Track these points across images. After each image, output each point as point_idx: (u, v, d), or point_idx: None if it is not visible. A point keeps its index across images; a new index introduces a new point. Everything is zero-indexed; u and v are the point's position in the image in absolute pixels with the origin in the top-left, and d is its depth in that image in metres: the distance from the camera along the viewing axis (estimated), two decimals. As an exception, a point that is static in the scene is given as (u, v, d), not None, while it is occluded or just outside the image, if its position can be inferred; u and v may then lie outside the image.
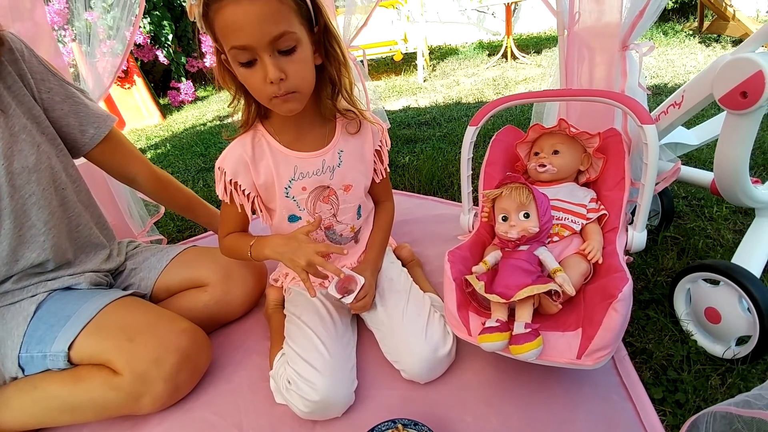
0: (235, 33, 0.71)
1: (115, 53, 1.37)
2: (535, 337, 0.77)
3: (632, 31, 1.04)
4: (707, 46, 3.54)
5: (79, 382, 0.85)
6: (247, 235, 0.98)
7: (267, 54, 0.73)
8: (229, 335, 1.13)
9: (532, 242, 0.90)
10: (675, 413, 0.79)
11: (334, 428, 0.86)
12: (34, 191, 0.88)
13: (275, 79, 0.74)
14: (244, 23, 0.70)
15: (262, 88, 0.77)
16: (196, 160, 2.64)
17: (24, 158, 0.86)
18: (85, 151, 1.02)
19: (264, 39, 0.71)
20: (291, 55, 0.75)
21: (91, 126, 1.00)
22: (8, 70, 0.86)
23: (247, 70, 0.75)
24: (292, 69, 0.76)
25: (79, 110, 0.98)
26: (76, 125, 0.98)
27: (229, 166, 0.90)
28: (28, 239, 0.89)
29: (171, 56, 4.53)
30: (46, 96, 0.92)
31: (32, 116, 0.90)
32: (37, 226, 0.89)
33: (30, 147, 0.87)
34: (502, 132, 1.23)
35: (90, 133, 1.00)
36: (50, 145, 0.93)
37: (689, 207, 1.39)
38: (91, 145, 1.01)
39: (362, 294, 0.91)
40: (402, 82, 4.06)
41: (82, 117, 0.98)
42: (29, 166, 0.86)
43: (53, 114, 0.94)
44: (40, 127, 0.91)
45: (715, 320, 0.89)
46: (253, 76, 0.76)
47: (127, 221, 1.43)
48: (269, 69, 0.73)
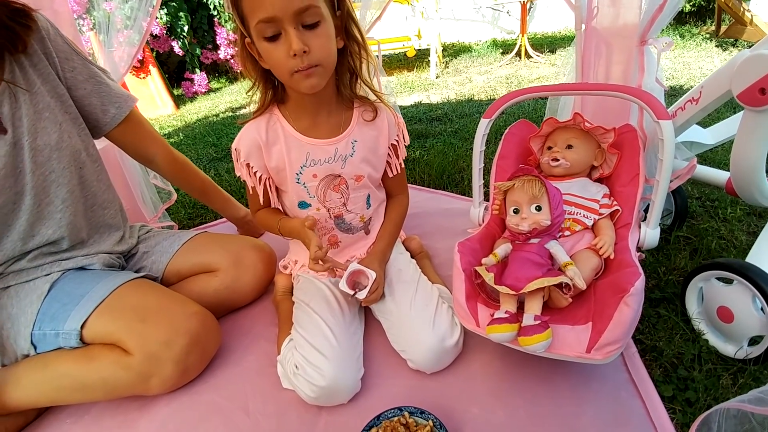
0: (262, 5, 0.73)
1: (132, 43, 1.39)
2: (545, 329, 0.76)
3: (651, 26, 1.02)
4: (724, 50, 3.48)
5: (91, 361, 0.87)
6: (274, 213, 1.02)
7: (292, 26, 0.74)
8: (238, 321, 1.14)
9: (543, 235, 0.90)
10: (685, 411, 0.79)
11: (340, 414, 0.86)
12: (54, 168, 0.89)
13: (299, 50, 0.75)
14: None
15: (284, 62, 0.78)
16: (208, 149, 2.65)
17: (47, 136, 0.87)
18: (107, 130, 1.03)
19: (289, 10, 0.73)
20: (315, 29, 0.77)
21: (112, 105, 1.01)
22: (34, 48, 0.88)
23: (271, 45, 0.77)
24: (315, 43, 0.77)
25: (102, 90, 0.99)
26: (98, 104, 0.99)
27: (243, 148, 0.91)
28: (45, 215, 0.91)
29: (186, 47, 4.55)
30: (69, 75, 0.94)
31: (56, 95, 0.91)
32: (54, 203, 0.91)
33: (53, 125, 0.89)
34: (515, 126, 1.22)
35: (111, 113, 1.01)
36: (72, 124, 0.94)
37: (703, 208, 1.38)
38: (112, 125, 1.03)
39: (374, 287, 0.91)
40: (414, 78, 4.05)
41: (104, 96, 1.00)
42: (51, 144, 0.88)
43: (76, 93, 0.96)
44: (63, 106, 0.93)
45: (727, 319, 0.88)
46: (276, 50, 0.77)
47: (140, 206, 1.45)
48: (293, 41, 0.74)
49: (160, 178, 1.48)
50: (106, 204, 1.04)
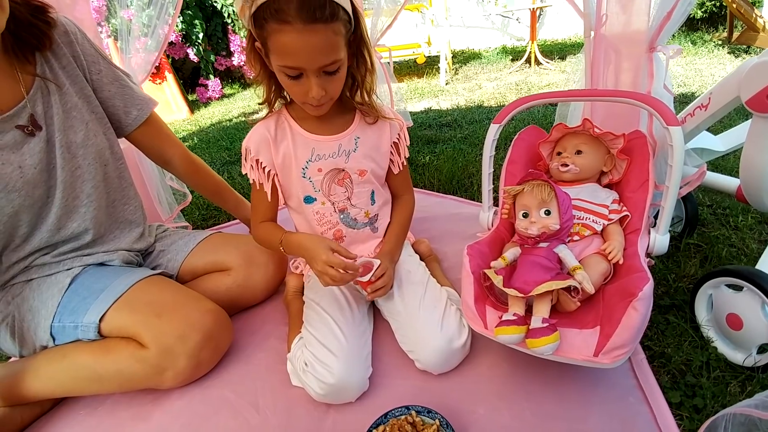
0: (289, 56, 0.78)
1: (149, 50, 1.43)
2: (552, 332, 0.77)
3: (660, 33, 1.03)
4: (736, 56, 3.45)
5: (108, 353, 0.89)
6: (276, 228, 1.01)
7: (314, 75, 0.80)
8: (250, 319, 1.17)
9: (552, 240, 0.90)
10: (692, 418, 0.78)
11: (348, 412, 0.87)
12: (81, 164, 0.94)
13: (318, 97, 0.83)
14: (301, 51, 0.76)
15: (300, 96, 0.85)
16: (221, 153, 2.70)
17: (74, 134, 0.93)
18: (128, 131, 1.08)
19: (315, 65, 0.79)
20: (333, 75, 0.83)
21: (134, 108, 1.06)
22: (63, 51, 0.93)
23: (290, 81, 0.82)
24: (332, 87, 0.85)
25: (125, 92, 1.04)
26: (121, 106, 1.04)
27: (253, 144, 0.95)
28: (71, 210, 0.95)
29: (201, 54, 4.64)
30: (96, 77, 0.99)
31: (84, 95, 0.96)
32: (80, 198, 0.96)
33: (80, 124, 0.94)
34: (525, 131, 1.24)
35: (133, 115, 1.06)
36: (98, 123, 0.99)
37: (714, 215, 1.37)
38: (133, 126, 1.07)
39: (379, 272, 0.92)
40: (424, 84, 4.08)
41: (127, 99, 1.05)
42: (78, 141, 0.93)
43: (101, 95, 1.01)
44: (90, 106, 0.97)
45: (736, 327, 0.87)
46: (296, 86, 0.83)
47: (156, 207, 1.48)
48: (314, 89, 0.81)
49: (176, 180, 1.51)
50: (127, 200, 1.08)
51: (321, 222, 1.03)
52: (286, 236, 0.97)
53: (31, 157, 0.87)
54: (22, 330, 0.92)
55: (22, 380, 0.90)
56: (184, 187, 1.53)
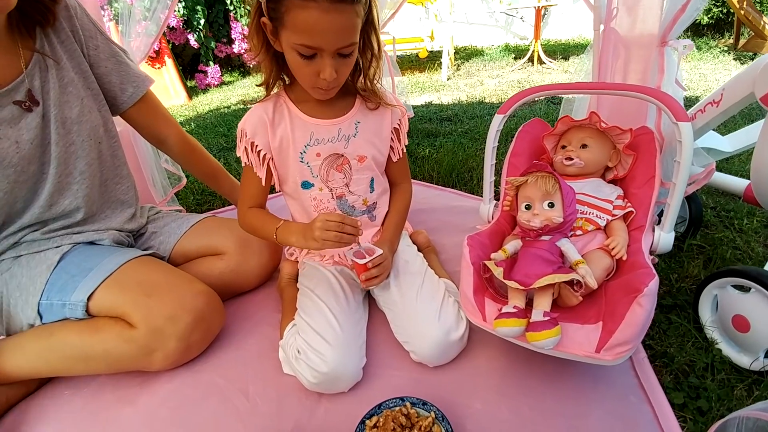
0: (310, 35, 0.74)
1: (150, 34, 1.42)
2: (554, 326, 0.75)
3: (673, 26, 1.01)
4: (742, 63, 3.44)
5: (96, 332, 0.87)
6: (271, 216, 0.97)
7: (330, 56, 0.78)
8: (242, 305, 1.14)
9: (554, 233, 0.88)
10: (696, 420, 0.76)
11: (340, 402, 0.85)
12: (75, 141, 0.92)
13: (330, 79, 0.80)
14: (324, 31, 0.74)
15: (310, 78, 0.82)
16: (218, 139, 2.66)
17: (69, 109, 0.91)
18: (123, 108, 1.05)
19: (334, 47, 0.77)
20: (347, 57, 0.81)
21: (130, 85, 1.03)
22: (62, 25, 0.91)
23: (302, 60, 0.79)
24: (343, 69, 0.83)
25: (122, 69, 1.02)
26: (117, 83, 1.01)
27: (249, 126, 0.92)
28: (64, 186, 0.93)
29: (201, 40, 4.58)
30: (93, 53, 0.97)
31: (80, 71, 0.94)
32: (73, 175, 0.93)
33: (75, 99, 0.92)
34: (529, 124, 1.21)
35: (129, 92, 1.04)
36: (93, 100, 0.97)
37: (718, 217, 1.35)
38: (129, 104, 1.05)
39: (378, 260, 0.90)
40: (426, 79, 4.04)
41: (124, 76, 1.02)
42: (73, 117, 0.91)
43: (98, 70, 0.98)
44: (86, 82, 0.95)
45: (743, 329, 0.85)
46: (307, 67, 0.80)
47: (150, 189, 1.45)
48: (328, 70, 0.79)
49: (171, 162, 1.48)
50: (120, 180, 1.05)
51: (318, 208, 1.00)
52: (284, 224, 0.92)
53: (27, 132, 0.85)
54: (9, 307, 0.89)
55: (8, 358, 0.88)
56: (179, 170, 1.50)
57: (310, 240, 0.84)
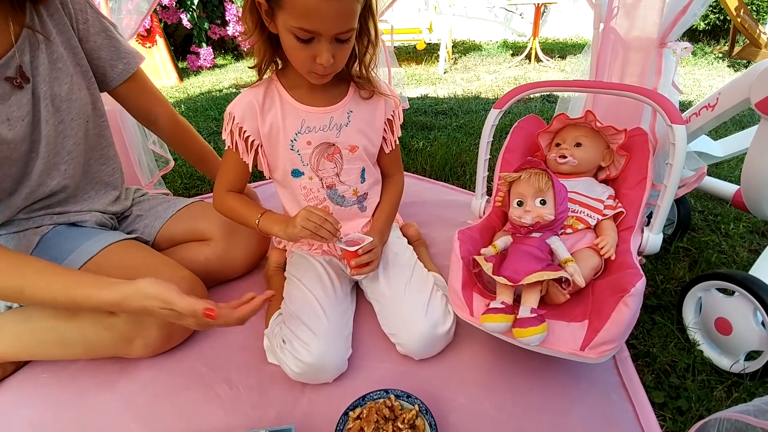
0: (309, 18, 0.72)
1: (140, 11, 1.38)
2: (540, 323, 0.75)
3: (673, 28, 1.00)
4: (736, 70, 3.48)
5: (74, 317, 0.84)
6: (254, 204, 0.96)
7: (328, 41, 0.76)
8: (228, 292, 1.12)
9: (545, 230, 0.88)
10: (675, 419, 0.77)
11: (324, 393, 0.84)
12: (64, 119, 0.88)
13: (327, 64, 0.78)
14: (324, 15, 0.71)
15: (306, 63, 0.79)
16: (209, 123, 2.61)
17: (58, 86, 0.87)
18: (113, 86, 1.01)
19: (333, 31, 0.75)
20: (344, 43, 0.79)
21: (120, 61, 0.99)
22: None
23: (299, 44, 0.76)
24: (340, 55, 0.80)
25: (112, 44, 0.98)
26: (106, 59, 0.97)
27: (238, 111, 0.89)
28: (52, 166, 0.89)
29: (194, 21, 4.46)
30: (82, 27, 0.92)
31: (70, 46, 0.90)
32: (61, 154, 0.90)
33: (65, 76, 0.88)
34: (524, 120, 1.21)
35: (119, 69, 1.00)
36: (82, 77, 0.93)
37: (705, 221, 1.37)
38: (118, 81, 1.01)
39: (368, 247, 0.89)
40: (422, 71, 4.02)
41: (114, 51, 0.98)
42: (62, 95, 0.87)
43: (87, 45, 0.94)
44: (75, 58, 0.91)
45: (725, 332, 0.86)
46: (303, 51, 0.77)
47: (136, 171, 1.41)
48: (325, 55, 0.77)
49: (158, 143, 1.44)
50: (105, 161, 1.02)
51: (308, 197, 0.99)
52: (267, 214, 0.91)
53: (18, 110, 0.81)
54: None
55: None
56: (167, 153, 1.46)
57: (290, 227, 0.84)
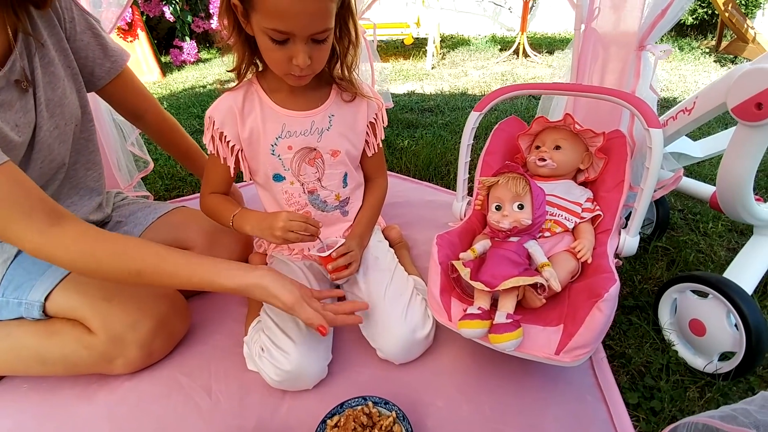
0: (283, 19, 0.71)
1: (120, 3, 1.34)
2: (516, 329, 0.75)
3: (651, 31, 1.00)
4: (722, 65, 3.51)
5: (52, 336, 0.83)
6: (232, 203, 0.95)
7: (303, 42, 0.75)
8: (208, 299, 1.11)
9: (522, 234, 0.89)
10: (649, 420, 0.79)
11: (304, 399, 0.85)
12: (58, 124, 0.87)
13: (304, 65, 0.76)
14: (297, 15, 0.70)
15: (283, 64, 0.78)
16: (192, 121, 2.57)
17: (52, 91, 0.85)
18: (101, 85, 1.00)
19: (308, 32, 0.74)
20: (321, 43, 0.78)
21: (108, 59, 0.98)
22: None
23: (274, 45, 0.75)
24: (318, 56, 0.79)
25: (99, 42, 0.96)
26: (93, 57, 0.95)
27: (218, 115, 0.88)
28: (46, 173, 0.88)
29: (177, 14, 4.38)
30: (69, 25, 0.90)
31: (60, 48, 0.88)
32: (57, 161, 0.88)
33: (57, 80, 0.86)
34: (505, 122, 1.21)
35: (107, 67, 0.98)
36: (72, 80, 0.91)
37: (684, 220, 1.39)
38: (106, 80, 0.99)
39: (342, 250, 0.89)
40: (410, 66, 3.99)
41: (101, 50, 0.96)
42: (55, 100, 0.86)
43: (74, 44, 0.92)
44: (66, 60, 0.90)
45: (699, 333, 0.88)
46: (279, 52, 0.76)
47: (115, 173, 1.39)
48: (301, 56, 0.76)
49: (137, 145, 1.42)
50: (92, 165, 1.00)
51: (290, 202, 0.98)
52: (241, 211, 0.91)
53: (24, 115, 0.80)
54: None
55: None
56: (146, 154, 1.44)
57: (267, 232, 0.84)
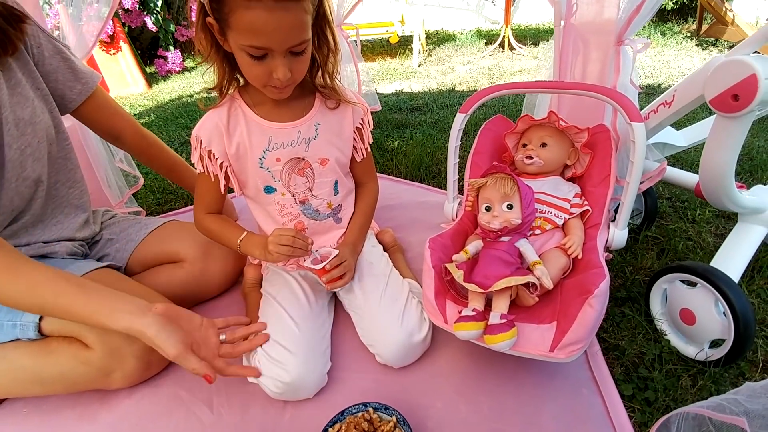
0: (258, 36, 0.71)
1: (101, 16, 1.33)
2: (510, 328, 0.77)
3: (628, 26, 1.02)
4: (704, 49, 3.54)
5: (49, 354, 0.83)
6: (232, 225, 0.96)
7: (282, 56, 0.75)
8: (205, 312, 1.07)
9: (513, 234, 0.90)
10: (644, 410, 0.81)
11: (305, 409, 0.85)
12: (30, 143, 0.88)
13: (284, 79, 0.77)
14: (272, 30, 0.71)
15: (262, 78, 0.79)
16: (180, 132, 2.56)
17: (21, 110, 0.86)
18: (73, 107, 1.01)
19: (284, 46, 0.74)
20: (300, 55, 0.78)
21: (78, 82, 0.99)
22: None
23: (253, 61, 0.76)
24: (297, 67, 0.80)
25: (68, 66, 0.97)
26: (63, 81, 0.97)
27: (204, 134, 0.89)
28: (20, 191, 0.88)
29: (159, 23, 4.35)
30: (37, 51, 0.91)
31: (27, 71, 0.89)
32: (32, 178, 0.89)
33: (25, 100, 0.87)
34: (491, 121, 1.22)
35: (78, 89, 0.99)
36: (43, 101, 0.92)
37: (672, 208, 1.41)
38: (78, 101, 1.00)
39: (336, 261, 0.90)
40: (396, 65, 4.00)
41: (70, 72, 0.98)
42: (25, 119, 0.87)
43: (43, 69, 0.93)
44: (34, 83, 0.91)
45: (689, 321, 0.90)
46: (258, 67, 0.77)
47: (105, 191, 1.39)
48: (281, 70, 0.76)
49: (126, 161, 1.42)
50: (73, 183, 1.01)
51: (282, 213, 0.99)
52: (247, 236, 0.93)
53: None
54: None
55: None
56: (135, 170, 1.44)
57: (265, 252, 0.86)
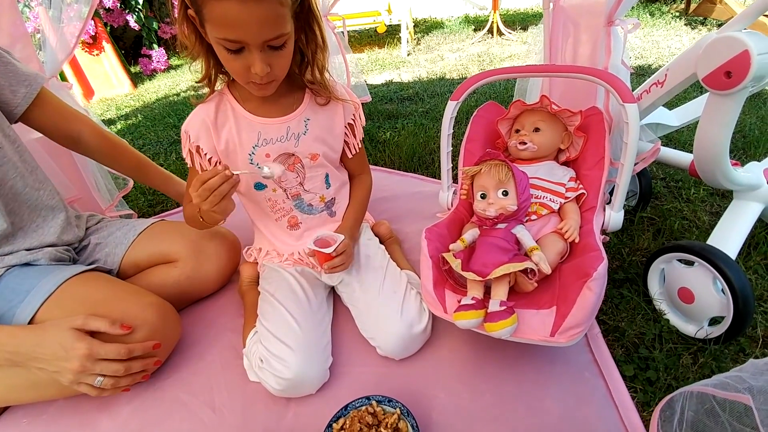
0: (231, 28, 0.69)
1: (82, 17, 1.30)
2: (510, 315, 0.76)
3: (618, 6, 1.00)
4: (693, 28, 3.53)
5: None
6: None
7: (258, 50, 0.73)
8: (202, 312, 1.10)
9: (509, 220, 0.89)
10: (646, 390, 0.81)
11: (309, 404, 0.85)
12: None
13: (262, 74, 0.75)
14: (245, 22, 0.69)
15: (242, 73, 0.77)
16: (168, 131, 2.52)
17: None
18: (20, 112, 0.97)
19: (259, 39, 0.72)
20: (279, 50, 0.76)
21: (21, 85, 0.96)
22: None
23: (231, 55, 0.74)
24: (277, 63, 0.77)
25: (9, 70, 0.94)
26: (6, 86, 0.94)
27: (192, 129, 0.88)
28: None
29: (142, 21, 4.27)
30: None
31: None
32: None
33: None
34: (483, 108, 1.21)
35: (22, 93, 0.96)
36: None
37: (667, 188, 1.41)
38: (24, 105, 0.97)
39: (341, 248, 0.89)
40: (385, 55, 3.96)
41: (11, 77, 0.95)
42: None
43: None
44: None
45: (688, 300, 0.90)
46: (236, 61, 0.75)
47: (94, 195, 1.36)
48: (258, 64, 0.74)
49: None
50: (39, 185, 0.98)
51: (274, 209, 0.98)
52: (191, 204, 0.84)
53: None
54: None
55: None
56: (123, 173, 1.41)
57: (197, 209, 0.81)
